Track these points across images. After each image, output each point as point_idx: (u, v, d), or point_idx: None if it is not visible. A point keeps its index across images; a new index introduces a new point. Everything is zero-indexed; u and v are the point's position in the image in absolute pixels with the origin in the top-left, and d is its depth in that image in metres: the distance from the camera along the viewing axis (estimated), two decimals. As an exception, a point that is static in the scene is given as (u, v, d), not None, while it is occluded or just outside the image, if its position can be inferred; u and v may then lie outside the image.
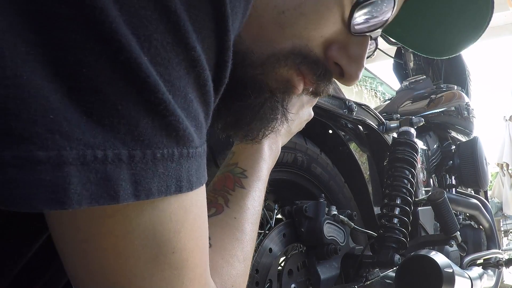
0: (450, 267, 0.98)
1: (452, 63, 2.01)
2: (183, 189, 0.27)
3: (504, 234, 6.07)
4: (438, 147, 1.75)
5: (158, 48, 0.23)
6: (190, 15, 0.24)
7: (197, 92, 0.26)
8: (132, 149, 0.23)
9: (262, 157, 0.57)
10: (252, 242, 0.48)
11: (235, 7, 0.28)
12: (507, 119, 5.92)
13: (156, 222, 0.27)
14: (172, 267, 0.29)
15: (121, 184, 0.23)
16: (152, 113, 0.24)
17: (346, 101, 1.00)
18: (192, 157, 0.27)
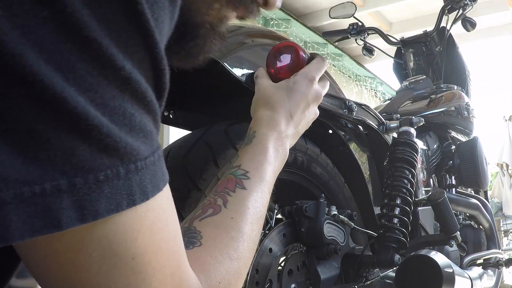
0: (450, 267, 0.98)
1: (452, 63, 2.01)
2: (136, 202, 0.28)
3: (504, 234, 6.07)
4: (438, 147, 1.75)
5: (84, 76, 0.25)
6: (112, 38, 0.26)
7: (138, 105, 0.28)
8: (72, 177, 0.25)
9: (266, 159, 0.57)
10: (251, 241, 0.48)
11: (159, 17, 0.29)
12: (507, 119, 5.92)
13: (109, 234, 0.28)
14: (136, 272, 0.30)
15: (63, 213, 0.25)
16: (87, 140, 0.25)
17: (346, 101, 1.00)
18: (143, 169, 0.28)
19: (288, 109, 0.64)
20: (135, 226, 0.29)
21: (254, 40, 0.85)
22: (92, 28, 0.25)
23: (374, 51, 2.27)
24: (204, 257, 0.42)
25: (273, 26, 4.47)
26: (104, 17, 0.25)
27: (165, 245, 0.32)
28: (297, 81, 0.67)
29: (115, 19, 0.26)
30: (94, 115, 0.25)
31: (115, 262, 0.29)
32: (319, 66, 0.70)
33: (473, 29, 2.00)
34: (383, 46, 2.25)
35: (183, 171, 0.75)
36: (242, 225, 0.48)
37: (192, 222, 0.47)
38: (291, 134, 0.64)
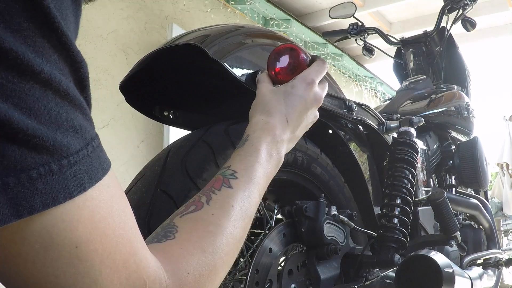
0: (450, 267, 0.98)
1: (452, 63, 2.01)
2: (74, 194, 0.30)
3: (504, 234, 6.07)
4: (438, 147, 1.75)
5: (5, 84, 0.26)
6: (28, 44, 0.27)
7: (63, 102, 0.30)
8: (5, 177, 0.26)
9: (257, 161, 0.57)
10: (232, 238, 0.47)
11: (66, 16, 0.31)
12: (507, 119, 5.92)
13: (48, 226, 0.29)
14: (82, 260, 0.31)
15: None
16: (15, 142, 0.27)
17: (346, 101, 1.00)
18: (76, 162, 0.30)
19: (284, 114, 0.64)
20: (73, 216, 0.30)
21: (254, 40, 0.85)
22: (7, 39, 0.26)
23: (374, 51, 2.27)
24: (174, 249, 0.42)
25: (273, 26, 4.47)
26: (18, 27, 0.27)
27: (111, 232, 0.33)
28: (295, 85, 0.67)
29: (28, 27, 0.27)
30: (18, 119, 0.27)
31: (59, 252, 0.30)
32: (319, 69, 0.70)
33: (473, 29, 2.00)
34: (383, 46, 2.25)
35: (183, 171, 0.75)
36: (223, 221, 0.48)
37: (173, 219, 0.47)
38: (287, 138, 0.64)
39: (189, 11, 3.80)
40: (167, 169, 0.75)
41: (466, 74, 2.01)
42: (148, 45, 3.30)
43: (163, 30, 3.51)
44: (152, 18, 3.44)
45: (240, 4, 4.20)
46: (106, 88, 2.91)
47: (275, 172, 0.62)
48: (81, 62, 0.32)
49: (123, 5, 3.20)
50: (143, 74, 0.84)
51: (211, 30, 0.83)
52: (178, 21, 3.64)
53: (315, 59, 0.73)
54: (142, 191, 0.74)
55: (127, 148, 3.04)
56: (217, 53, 0.75)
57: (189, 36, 0.83)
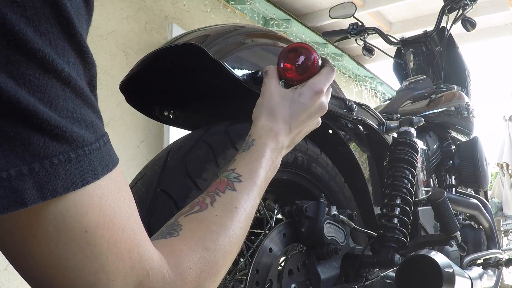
0: (450, 267, 0.98)
1: (452, 63, 2.01)
2: (89, 181, 0.33)
3: (504, 234, 6.07)
4: (438, 147, 1.75)
5: (32, 80, 0.30)
6: (53, 47, 0.31)
7: (77, 100, 0.33)
8: (31, 163, 0.30)
9: (261, 166, 0.60)
10: (234, 237, 0.50)
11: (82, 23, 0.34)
12: (507, 119, 5.92)
13: (62, 210, 0.32)
14: (90, 245, 0.34)
15: (27, 192, 0.30)
16: (39, 131, 0.30)
17: (346, 101, 1.00)
18: (91, 153, 0.33)
19: (288, 122, 0.66)
20: (84, 202, 0.33)
21: (254, 40, 0.85)
22: (36, 41, 0.30)
23: (374, 51, 2.27)
24: (178, 245, 0.44)
25: (273, 26, 4.47)
26: (45, 31, 0.31)
27: (117, 221, 0.36)
28: (302, 93, 0.68)
29: (53, 31, 0.31)
30: (43, 111, 0.30)
31: (70, 236, 0.33)
32: (328, 77, 0.71)
33: (473, 29, 2.00)
34: (383, 46, 2.25)
35: (183, 171, 0.75)
36: (227, 221, 0.50)
37: (177, 218, 0.50)
38: (286, 145, 0.67)
39: (189, 11, 3.80)
40: (167, 169, 0.75)
41: (466, 74, 2.01)
42: (148, 45, 3.30)
43: (163, 30, 3.51)
44: (152, 18, 3.44)
45: (240, 4, 4.20)
46: (106, 88, 2.91)
47: (272, 176, 0.64)
48: (93, 64, 0.35)
49: (123, 5, 3.20)
50: (143, 74, 0.84)
51: (211, 30, 0.83)
52: (178, 21, 3.64)
53: (325, 64, 0.73)
54: (142, 191, 0.74)
55: (127, 148, 3.04)
56: (217, 53, 0.75)
57: (189, 36, 0.83)
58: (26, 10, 0.29)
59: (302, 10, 4.86)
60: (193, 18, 3.82)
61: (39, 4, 0.30)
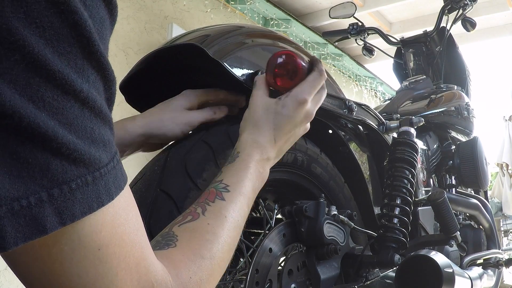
0: (450, 267, 0.98)
1: (452, 63, 2.01)
2: (104, 203, 0.33)
3: (504, 234, 6.07)
4: (438, 147, 1.75)
5: (51, 103, 0.30)
6: (71, 66, 0.31)
7: (96, 119, 0.33)
8: (50, 188, 0.30)
9: (247, 176, 0.61)
10: (226, 245, 0.52)
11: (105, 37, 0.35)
12: (507, 119, 5.92)
13: (78, 229, 0.33)
14: (102, 262, 0.34)
15: (47, 219, 0.30)
16: (58, 156, 0.30)
17: (346, 101, 1.00)
18: (106, 174, 0.33)
19: (272, 134, 0.68)
20: (98, 221, 0.34)
21: (254, 40, 0.85)
22: (55, 62, 0.30)
23: (374, 51, 2.27)
24: (177, 256, 0.46)
25: (273, 26, 4.47)
26: (64, 51, 0.30)
27: (127, 237, 0.37)
28: (285, 105, 0.68)
29: (72, 50, 0.31)
30: (62, 135, 0.30)
31: (84, 254, 0.33)
32: (314, 84, 0.71)
33: (473, 29, 2.00)
34: (383, 46, 2.25)
35: (183, 171, 0.75)
36: (218, 230, 0.52)
37: (172, 228, 0.51)
38: (272, 157, 0.68)
39: (189, 11, 3.80)
40: (167, 169, 0.75)
41: (466, 74, 2.01)
42: (148, 45, 3.30)
43: (163, 30, 3.51)
44: (152, 18, 3.44)
45: (240, 4, 4.20)
46: (106, 88, 2.90)
47: (261, 187, 0.66)
48: (113, 80, 0.35)
49: (123, 5, 3.20)
50: (143, 74, 0.84)
51: (211, 30, 0.83)
52: (178, 21, 3.64)
53: (314, 67, 0.72)
54: (142, 191, 0.74)
55: (127, 148, 3.03)
56: (217, 53, 0.75)
57: (189, 36, 0.83)
58: (45, 30, 0.29)
59: (302, 10, 4.86)
60: (193, 18, 3.82)
61: (58, 24, 0.30)
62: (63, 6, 0.30)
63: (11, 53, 0.28)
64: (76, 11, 0.30)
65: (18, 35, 0.28)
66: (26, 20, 0.28)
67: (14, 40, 0.28)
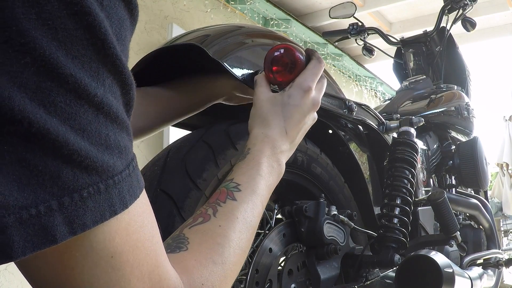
0: (450, 267, 0.98)
1: (452, 63, 2.01)
2: (117, 211, 0.32)
3: (504, 234, 6.07)
4: (438, 147, 1.74)
5: (63, 108, 0.28)
6: (85, 70, 0.29)
7: (112, 125, 0.32)
8: (60, 197, 0.28)
9: (259, 173, 0.59)
10: (238, 249, 0.50)
11: (125, 38, 0.33)
12: (507, 119, 5.92)
13: (90, 235, 0.32)
14: (115, 269, 0.33)
15: (57, 229, 0.28)
16: (69, 163, 0.29)
17: (346, 101, 1.00)
18: (120, 182, 0.32)
19: (283, 126, 0.66)
20: (112, 228, 0.32)
21: (254, 40, 0.85)
22: (68, 65, 0.28)
23: (374, 51, 2.27)
24: (188, 261, 0.44)
25: (273, 26, 4.47)
26: (77, 53, 0.29)
27: (141, 244, 0.35)
28: (291, 95, 0.68)
29: (86, 53, 0.30)
30: (73, 141, 0.29)
31: (96, 261, 0.32)
32: (315, 71, 0.70)
33: (473, 29, 2.00)
34: (383, 46, 2.25)
35: (183, 171, 0.75)
36: (230, 232, 0.50)
37: (182, 230, 0.50)
38: (286, 149, 0.66)
39: (189, 11, 3.80)
40: (167, 169, 0.75)
41: (466, 74, 2.01)
42: (148, 45, 3.30)
43: (163, 30, 3.51)
44: (152, 18, 3.44)
45: (240, 4, 4.20)
46: (106, 88, 2.90)
47: (277, 182, 0.64)
48: (131, 85, 0.34)
49: (123, 5, 3.20)
50: (143, 74, 0.84)
51: (211, 30, 0.83)
52: (178, 21, 3.64)
53: (311, 56, 0.73)
54: (142, 191, 0.74)
55: (127, 148, 3.03)
56: (217, 53, 0.75)
57: (189, 36, 0.83)
58: (58, 32, 0.28)
59: (302, 10, 4.86)
60: (193, 18, 3.82)
61: (71, 26, 0.28)
62: (76, 7, 0.28)
63: (22, 56, 0.27)
64: (90, 13, 0.29)
65: (29, 37, 0.27)
66: (37, 22, 0.27)
67: (25, 42, 0.27)
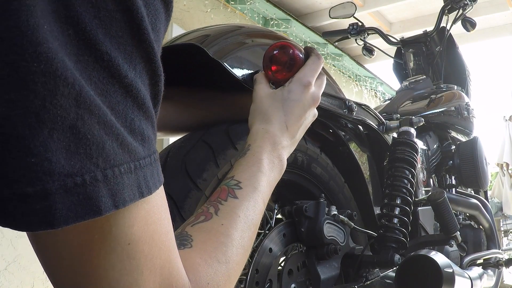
0: (450, 267, 0.98)
1: (452, 63, 2.01)
2: (144, 194, 0.32)
3: (504, 234, 6.07)
4: (438, 147, 1.75)
5: (97, 83, 0.29)
6: (120, 51, 0.30)
7: (138, 111, 0.32)
8: (104, 169, 0.29)
9: (260, 170, 0.59)
10: (241, 247, 0.50)
11: (159, 29, 0.34)
12: (507, 119, 5.92)
13: (110, 219, 0.31)
14: (130, 258, 0.33)
15: (102, 200, 0.29)
16: (110, 135, 0.29)
17: (346, 101, 1.00)
18: (144, 167, 0.32)
19: (283, 121, 0.66)
20: (132, 214, 0.33)
21: (254, 40, 0.85)
22: (105, 43, 0.29)
23: (374, 51, 2.27)
24: (194, 258, 0.44)
25: (273, 26, 4.47)
26: (115, 34, 0.30)
27: (157, 237, 0.35)
28: (291, 90, 0.68)
29: (123, 35, 0.30)
30: (110, 116, 0.29)
31: (114, 246, 0.32)
32: (314, 67, 0.70)
33: (473, 29, 2.00)
34: (383, 46, 2.25)
35: (183, 171, 0.75)
36: (232, 231, 0.50)
37: (185, 228, 0.49)
38: (287, 144, 0.66)
39: (189, 11, 3.80)
40: (167, 169, 0.75)
41: (466, 74, 2.01)
42: (148, 45, 3.30)
43: (163, 30, 3.51)
44: (152, 18, 3.44)
45: (240, 4, 4.20)
46: (106, 88, 2.90)
47: (279, 178, 0.63)
48: (160, 76, 0.34)
49: (123, 5, 3.20)
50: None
51: (211, 30, 0.83)
52: (178, 21, 3.64)
53: (310, 53, 0.73)
54: (142, 191, 0.74)
55: (127, 148, 3.03)
56: (217, 53, 0.75)
57: (189, 36, 0.83)
58: (100, 11, 0.29)
59: (302, 10, 4.86)
60: (193, 18, 3.82)
61: (112, 7, 0.29)
62: None
63: (66, 27, 0.27)
64: None
65: (73, 11, 0.28)
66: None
67: (70, 15, 0.27)
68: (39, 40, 0.26)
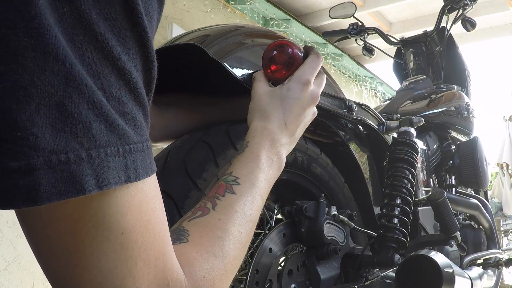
0: (450, 267, 0.98)
1: (452, 63, 2.01)
2: (131, 179, 0.32)
3: (504, 234, 6.07)
4: (438, 147, 1.74)
5: (90, 64, 0.29)
6: (114, 33, 0.30)
7: (130, 95, 0.32)
8: (89, 149, 0.29)
9: (258, 166, 0.59)
10: (238, 242, 0.50)
11: (152, 15, 0.34)
12: (507, 119, 5.92)
13: (104, 206, 0.31)
14: (124, 247, 0.33)
15: (85, 179, 0.28)
16: (98, 116, 0.29)
17: (346, 101, 1.00)
18: (135, 152, 0.32)
19: (282, 119, 0.65)
20: (125, 202, 0.32)
21: (254, 40, 0.85)
22: (99, 24, 0.29)
23: (374, 51, 2.27)
24: (190, 252, 0.44)
25: (273, 26, 4.47)
26: (109, 16, 0.30)
27: (151, 227, 0.35)
28: (290, 88, 0.67)
29: (117, 17, 0.30)
30: (101, 97, 0.29)
31: (107, 236, 0.32)
32: (313, 65, 0.70)
33: (473, 29, 2.00)
34: (383, 46, 2.25)
35: (183, 171, 0.75)
36: (229, 226, 0.50)
37: (181, 223, 0.49)
38: (286, 142, 0.65)
39: (189, 11, 3.80)
40: (167, 169, 0.75)
41: (466, 74, 2.01)
42: (148, 45, 3.30)
43: (163, 30, 3.51)
44: (152, 18, 3.44)
45: (240, 4, 4.20)
46: (106, 88, 2.90)
47: (277, 175, 0.63)
48: (153, 62, 0.34)
49: (123, 5, 3.20)
50: (143, 74, 0.84)
51: (211, 30, 0.83)
52: (178, 21, 3.64)
53: (309, 52, 0.72)
54: (142, 191, 0.74)
55: (127, 148, 3.03)
56: (217, 53, 0.75)
57: (189, 36, 0.83)
58: None
59: (302, 10, 4.86)
60: (193, 18, 3.82)
61: None
62: None
63: (61, 5, 0.27)
64: None
65: None
66: None
67: None
68: (31, 15, 0.26)
